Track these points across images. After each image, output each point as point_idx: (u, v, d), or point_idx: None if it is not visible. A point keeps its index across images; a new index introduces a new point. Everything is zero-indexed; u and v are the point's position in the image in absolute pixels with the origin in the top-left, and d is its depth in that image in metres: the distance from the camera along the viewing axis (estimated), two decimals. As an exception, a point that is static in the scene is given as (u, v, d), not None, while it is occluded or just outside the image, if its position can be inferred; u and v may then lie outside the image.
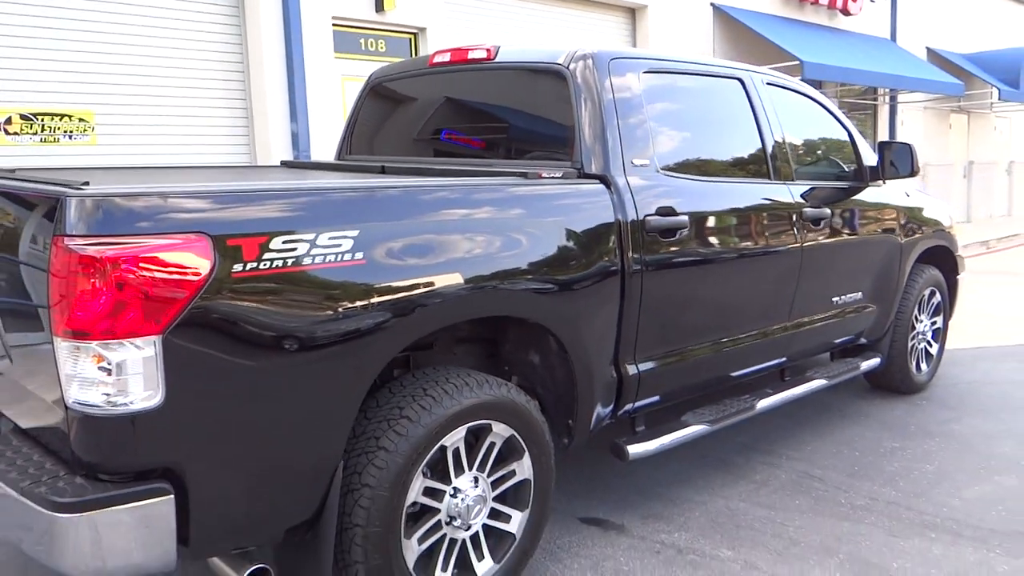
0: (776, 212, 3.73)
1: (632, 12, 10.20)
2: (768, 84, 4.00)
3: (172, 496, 1.99)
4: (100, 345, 1.89)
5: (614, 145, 3.11)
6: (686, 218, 3.24)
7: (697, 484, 3.80)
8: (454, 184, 2.65)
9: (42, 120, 5.79)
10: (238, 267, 2.03)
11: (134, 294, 1.90)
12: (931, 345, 5.25)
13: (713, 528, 3.36)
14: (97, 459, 1.97)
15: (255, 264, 2.06)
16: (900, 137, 14.62)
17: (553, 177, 2.99)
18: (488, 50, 3.54)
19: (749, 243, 3.59)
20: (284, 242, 2.12)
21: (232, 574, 2.27)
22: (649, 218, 3.11)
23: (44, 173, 2.83)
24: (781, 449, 4.23)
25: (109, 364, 1.90)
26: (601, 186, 3.03)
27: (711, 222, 3.39)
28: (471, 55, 3.60)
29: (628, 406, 3.24)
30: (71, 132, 5.91)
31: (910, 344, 4.97)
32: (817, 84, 12.56)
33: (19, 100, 5.70)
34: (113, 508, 1.92)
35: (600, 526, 3.38)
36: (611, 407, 3.17)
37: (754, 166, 3.77)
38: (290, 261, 2.12)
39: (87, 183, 2.01)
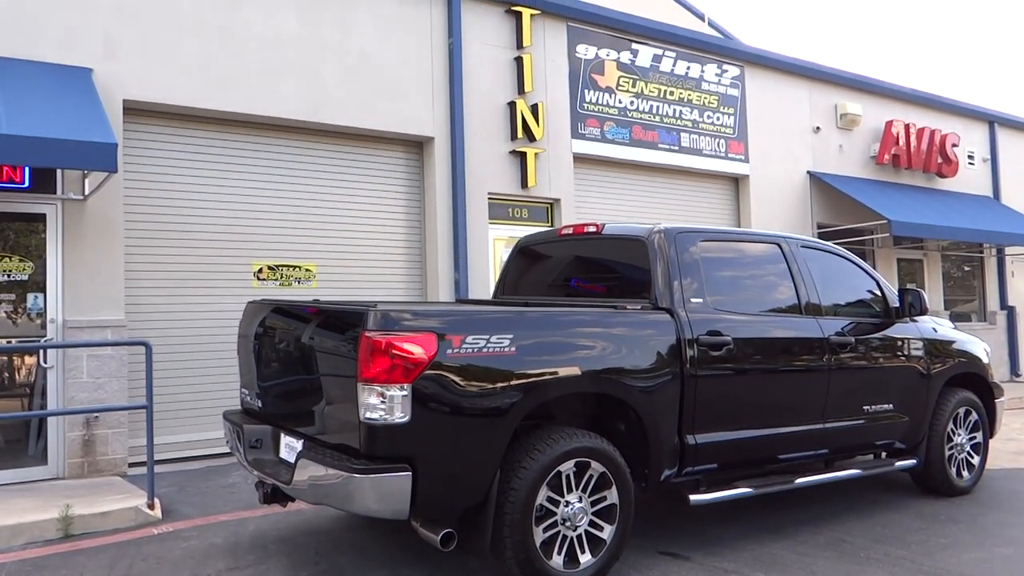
0: (804, 339, 5.16)
1: (735, 180, 11.95)
2: (803, 247, 5.54)
3: (410, 474, 3.64)
4: (380, 386, 3.63)
5: (678, 289, 4.72)
6: (729, 339, 4.75)
7: (752, 538, 5.07)
8: (570, 311, 4.34)
9: (281, 270, 8.05)
10: (450, 351, 3.76)
11: (398, 361, 3.64)
12: (972, 456, 6.28)
13: (756, 561, 4.64)
14: (374, 449, 3.67)
15: (458, 350, 3.78)
16: (1011, 288, 15.23)
17: (635, 309, 4.62)
18: (597, 226, 5.31)
19: (780, 360, 5.03)
20: (473, 338, 3.84)
21: (431, 535, 3.87)
22: (701, 337, 4.65)
23: (331, 302, 4.74)
24: (825, 524, 5.41)
25: (384, 397, 3.63)
26: (668, 316, 4.63)
27: (749, 343, 4.88)
28: (586, 229, 5.38)
29: (689, 467, 4.65)
30: (300, 278, 8.14)
31: (948, 453, 6.05)
32: (918, 240, 13.68)
33: (266, 256, 8.01)
34: (380, 475, 3.60)
35: (673, 556, 4.73)
36: (676, 467, 4.60)
37: (787, 304, 5.25)
38: (476, 349, 3.83)
39: (375, 305, 3.83)
